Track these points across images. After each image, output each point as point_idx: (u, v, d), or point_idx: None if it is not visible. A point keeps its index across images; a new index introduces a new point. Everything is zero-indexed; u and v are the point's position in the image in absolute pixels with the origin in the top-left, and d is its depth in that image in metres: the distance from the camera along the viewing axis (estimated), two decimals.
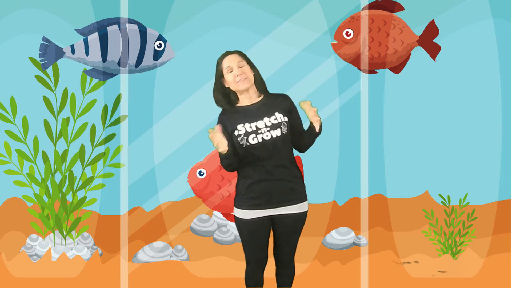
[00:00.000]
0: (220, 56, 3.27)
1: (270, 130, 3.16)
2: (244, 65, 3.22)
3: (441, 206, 4.34)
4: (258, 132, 3.16)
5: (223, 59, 3.24)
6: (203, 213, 4.35)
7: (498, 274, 4.23)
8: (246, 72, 3.20)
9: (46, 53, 4.21)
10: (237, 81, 3.18)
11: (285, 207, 3.20)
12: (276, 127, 3.17)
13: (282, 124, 3.18)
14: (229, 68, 3.21)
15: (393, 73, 4.30)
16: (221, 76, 3.25)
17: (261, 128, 3.17)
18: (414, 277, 4.24)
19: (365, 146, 4.32)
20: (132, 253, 4.32)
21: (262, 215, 3.20)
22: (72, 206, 4.31)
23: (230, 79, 3.21)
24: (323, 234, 4.33)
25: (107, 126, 4.30)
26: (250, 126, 3.18)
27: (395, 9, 4.25)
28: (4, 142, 4.29)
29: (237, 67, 3.20)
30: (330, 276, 4.22)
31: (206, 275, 4.24)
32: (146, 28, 4.22)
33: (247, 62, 3.24)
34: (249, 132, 3.16)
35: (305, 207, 3.26)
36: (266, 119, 3.19)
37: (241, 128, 3.18)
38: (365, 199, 4.33)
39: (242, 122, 3.19)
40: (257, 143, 3.15)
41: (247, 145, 3.16)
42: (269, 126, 3.17)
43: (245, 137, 3.16)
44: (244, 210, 3.21)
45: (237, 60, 3.21)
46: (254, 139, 3.15)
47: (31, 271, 4.26)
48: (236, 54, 3.24)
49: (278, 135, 3.16)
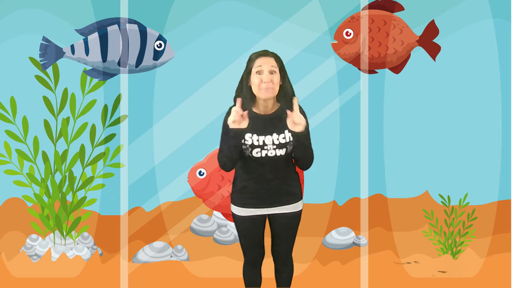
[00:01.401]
0: (256, 52, 3.11)
1: (276, 148, 3.11)
2: (275, 72, 3.06)
3: (441, 206, 4.34)
4: (264, 148, 3.11)
5: (258, 58, 3.07)
6: (203, 213, 4.36)
7: (498, 274, 4.22)
8: (274, 81, 3.05)
9: (46, 53, 4.21)
10: (262, 88, 3.03)
11: (278, 207, 3.22)
12: (283, 146, 3.12)
13: (289, 144, 3.13)
14: (260, 70, 3.05)
15: (393, 73, 4.30)
16: (249, 73, 3.09)
17: (268, 145, 3.10)
18: (414, 277, 4.24)
19: (365, 146, 4.32)
20: (132, 253, 4.32)
21: (256, 213, 3.23)
22: (72, 206, 4.31)
23: (255, 81, 3.06)
24: (323, 234, 4.34)
25: (107, 126, 4.30)
26: (258, 140, 3.11)
27: (395, 9, 4.25)
28: (4, 142, 4.29)
29: (268, 72, 3.04)
30: (330, 276, 4.22)
31: (206, 275, 4.24)
32: (146, 28, 4.22)
33: (280, 69, 3.08)
34: (255, 146, 3.11)
35: (299, 206, 3.27)
36: (275, 135, 3.11)
37: (248, 139, 3.12)
38: (365, 199, 4.33)
39: (251, 132, 3.11)
40: (259, 157, 3.12)
41: (249, 157, 3.14)
42: (276, 144, 3.11)
43: (250, 149, 3.12)
44: (239, 207, 3.25)
45: (270, 65, 3.04)
46: (258, 153, 3.12)
47: (31, 271, 4.26)
48: (272, 58, 3.07)
49: (282, 154, 3.13)
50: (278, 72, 3.07)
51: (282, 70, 3.10)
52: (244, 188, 3.22)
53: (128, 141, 4.31)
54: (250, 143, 3.11)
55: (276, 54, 3.12)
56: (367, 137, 4.31)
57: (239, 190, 3.24)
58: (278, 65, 3.08)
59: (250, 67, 3.08)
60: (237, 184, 3.26)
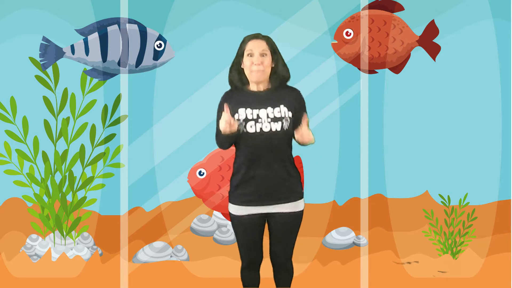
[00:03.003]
0: (248, 35, 3.17)
1: (271, 122, 3.07)
2: (266, 54, 3.11)
3: (441, 206, 4.34)
4: (258, 121, 3.07)
5: (249, 41, 3.13)
6: (203, 213, 4.35)
7: (498, 274, 4.22)
8: (265, 63, 3.10)
9: (46, 53, 4.21)
10: (252, 69, 3.10)
11: (278, 205, 3.12)
12: (278, 120, 3.07)
13: (284, 119, 3.08)
14: (251, 52, 3.11)
15: (393, 73, 4.30)
16: (241, 55, 3.15)
17: (262, 118, 3.07)
18: (414, 277, 4.24)
19: (365, 146, 4.31)
20: (132, 253, 4.32)
21: (254, 212, 3.13)
22: (72, 206, 4.31)
23: (247, 63, 3.12)
24: (323, 234, 4.33)
25: (107, 126, 4.30)
26: (252, 113, 3.08)
27: (395, 9, 4.25)
28: (4, 142, 4.29)
29: (259, 54, 3.10)
30: (330, 276, 4.22)
31: (206, 275, 4.24)
32: (146, 28, 4.22)
33: (271, 52, 3.13)
34: (249, 119, 3.07)
35: (300, 206, 3.17)
36: (269, 109, 3.09)
37: (241, 112, 3.09)
38: (365, 199, 4.33)
39: (244, 106, 3.10)
40: (254, 133, 3.06)
41: (244, 132, 3.08)
42: (271, 117, 3.07)
43: (244, 123, 3.08)
44: (236, 205, 3.15)
45: (261, 48, 3.10)
46: (252, 127, 3.07)
47: (31, 271, 4.26)
48: (264, 41, 3.13)
49: (278, 130, 3.07)
50: (269, 55, 3.13)
51: (274, 52, 3.15)
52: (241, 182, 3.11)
53: (128, 141, 4.31)
54: (243, 117, 3.08)
55: (268, 37, 3.18)
56: (367, 137, 4.31)
57: (236, 186, 3.14)
58: (270, 47, 3.14)
59: (242, 50, 3.15)
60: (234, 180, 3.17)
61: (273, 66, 3.15)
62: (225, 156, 4.18)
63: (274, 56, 3.15)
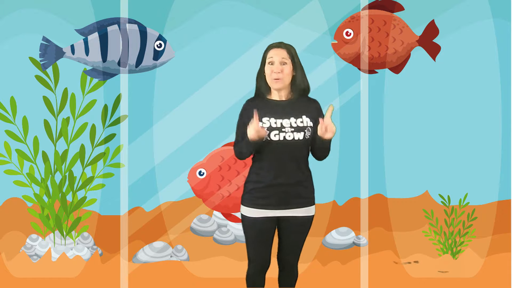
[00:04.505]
0: (271, 44, 3.23)
1: (294, 131, 3.13)
2: (287, 63, 3.17)
3: (441, 206, 4.35)
4: (282, 130, 3.12)
5: (271, 49, 3.20)
6: (203, 213, 4.36)
7: (498, 274, 4.23)
8: (285, 72, 3.16)
9: (46, 53, 4.21)
10: (272, 78, 3.15)
11: (291, 210, 3.18)
12: (301, 130, 3.14)
13: (306, 129, 3.15)
14: (271, 60, 3.16)
15: (393, 73, 4.30)
16: (263, 63, 3.22)
17: (286, 127, 3.13)
18: (414, 277, 4.24)
19: (365, 146, 4.32)
20: (132, 253, 4.32)
21: (268, 215, 3.17)
22: (72, 206, 4.31)
23: (268, 71, 3.18)
24: (323, 234, 4.34)
25: (107, 126, 4.30)
26: (275, 122, 3.13)
27: (395, 9, 4.26)
28: (4, 142, 4.29)
29: (279, 63, 3.16)
30: (330, 276, 4.22)
31: (206, 275, 4.24)
32: (146, 28, 4.22)
33: (292, 61, 3.18)
34: (273, 128, 3.12)
35: (312, 211, 3.23)
36: (292, 119, 3.15)
37: (266, 121, 3.14)
38: (365, 199, 4.33)
39: (269, 115, 3.15)
40: (278, 141, 3.12)
41: (267, 140, 3.12)
42: (294, 127, 3.13)
43: (268, 131, 3.12)
44: (250, 208, 3.18)
45: (281, 56, 3.15)
46: (276, 136, 3.12)
47: (31, 271, 4.26)
48: (284, 50, 3.18)
49: (301, 139, 3.13)
50: (289, 64, 3.17)
51: (294, 61, 3.19)
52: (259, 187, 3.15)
53: (128, 141, 4.31)
54: (268, 125, 3.13)
55: (290, 46, 3.22)
56: (367, 137, 4.31)
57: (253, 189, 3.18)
58: (290, 56, 3.18)
59: (264, 58, 3.21)
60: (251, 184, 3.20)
61: (294, 75, 3.21)
62: (225, 156, 4.18)
63: (294, 65, 3.20)
